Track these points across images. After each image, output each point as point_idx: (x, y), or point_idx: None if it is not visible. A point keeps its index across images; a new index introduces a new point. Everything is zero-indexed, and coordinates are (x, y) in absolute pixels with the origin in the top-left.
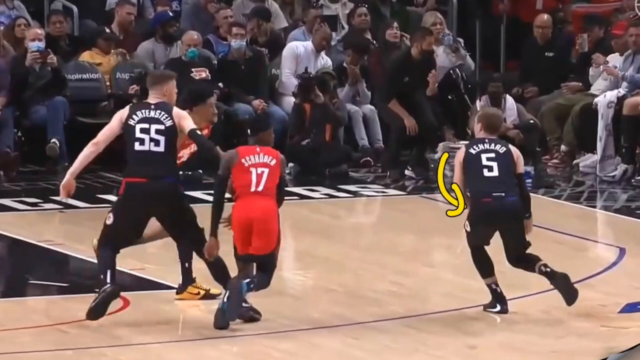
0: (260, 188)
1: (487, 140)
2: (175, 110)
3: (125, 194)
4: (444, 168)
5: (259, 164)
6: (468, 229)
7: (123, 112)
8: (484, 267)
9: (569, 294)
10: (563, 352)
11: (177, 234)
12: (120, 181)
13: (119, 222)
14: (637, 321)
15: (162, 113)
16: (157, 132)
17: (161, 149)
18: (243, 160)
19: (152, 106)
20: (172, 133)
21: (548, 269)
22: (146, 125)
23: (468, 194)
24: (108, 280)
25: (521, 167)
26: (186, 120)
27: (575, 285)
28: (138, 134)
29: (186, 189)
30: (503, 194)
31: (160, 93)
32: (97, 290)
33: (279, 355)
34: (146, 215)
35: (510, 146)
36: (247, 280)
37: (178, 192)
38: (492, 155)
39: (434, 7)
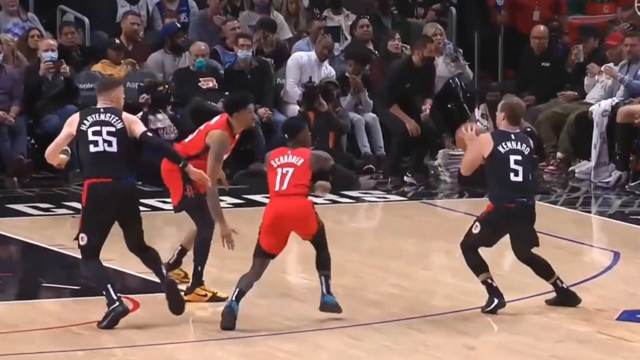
0: (284, 187)
1: (513, 137)
2: (125, 114)
3: (89, 194)
4: (442, 174)
5: (285, 164)
6: (477, 230)
7: (73, 120)
8: (477, 265)
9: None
10: (563, 358)
11: (136, 244)
12: None
13: (92, 234)
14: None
15: (112, 116)
16: (109, 133)
17: (114, 149)
18: (272, 162)
19: (102, 110)
20: (123, 135)
21: (563, 286)
22: (98, 128)
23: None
24: (113, 295)
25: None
26: (137, 125)
27: (571, 288)
28: (91, 137)
29: None
30: (525, 199)
31: (108, 99)
32: (107, 304)
33: (282, 355)
34: (110, 217)
35: (530, 142)
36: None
37: (138, 193)
38: (519, 157)
39: (434, 19)
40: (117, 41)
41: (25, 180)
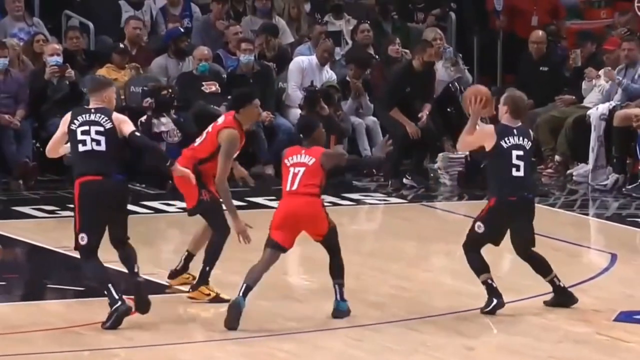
0: (294, 187)
1: (515, 132)
2: (115, 114)
3: (81, 192)
4: (442, 177)
5: (297, 163)
6: (481, 229)
7: (66, 119)
8: (479, 266)
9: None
10: (561, 358)
11: (119, 237)
12: (135, 190)
13: (91, 233)
14: (636, 335)
15: (102, 116)
16: (97, 133)
17: (103, 148)
18: (286, 161)
19: (93, 110)
20: (111, 134)
21: (560, 284)
22: (87, 128)
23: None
24: (115, 295)
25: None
26: (126, 125)
27: (570, 290)
28: (80, 137)
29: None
30: (526, 194)
31: (100, 99)
32: (109, 305)
33: (282, 355)
34: (104, 214)
35: (531, 135)
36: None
37: (127, 191)
38: (521, 152)
39: (433, 23)
40: (122, 46)
41: (30, 183)
